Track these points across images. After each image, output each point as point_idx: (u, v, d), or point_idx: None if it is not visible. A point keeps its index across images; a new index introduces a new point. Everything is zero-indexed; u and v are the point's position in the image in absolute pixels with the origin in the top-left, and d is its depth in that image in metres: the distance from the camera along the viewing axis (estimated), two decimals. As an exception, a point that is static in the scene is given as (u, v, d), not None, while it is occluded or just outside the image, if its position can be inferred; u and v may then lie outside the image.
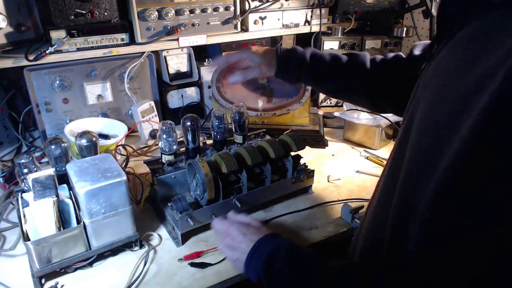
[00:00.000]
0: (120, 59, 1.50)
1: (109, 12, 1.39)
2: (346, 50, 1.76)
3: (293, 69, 1.09)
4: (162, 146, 1.12)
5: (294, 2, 1.71)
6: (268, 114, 1.51)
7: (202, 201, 1.03)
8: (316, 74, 1.10)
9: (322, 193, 1.21)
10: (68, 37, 1.33)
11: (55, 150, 1.01)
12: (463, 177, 0.45)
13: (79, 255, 0.89)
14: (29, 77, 1.36)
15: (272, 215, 1.10)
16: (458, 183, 0.45)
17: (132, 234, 0.94)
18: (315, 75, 1.10)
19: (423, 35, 1.87)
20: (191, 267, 0.91)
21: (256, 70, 1.13)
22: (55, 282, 0.87)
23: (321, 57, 1.08)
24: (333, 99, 1.81)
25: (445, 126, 0.49)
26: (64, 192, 0.96)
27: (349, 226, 1.06)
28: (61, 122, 1.47)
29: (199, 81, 1.68)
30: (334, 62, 1.07)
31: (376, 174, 1.30)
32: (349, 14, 1.83)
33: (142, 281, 0.88)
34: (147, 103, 1.52)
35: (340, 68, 1.07)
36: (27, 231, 0.86)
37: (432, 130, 0.52)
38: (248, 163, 1.05)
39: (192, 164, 1.02)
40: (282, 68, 1.09)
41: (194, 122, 1.15)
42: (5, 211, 1.12)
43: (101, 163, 0.92)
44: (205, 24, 1.55)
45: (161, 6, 1.44)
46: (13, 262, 0.94)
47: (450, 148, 0.46)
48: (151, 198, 1.16)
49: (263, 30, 1.68)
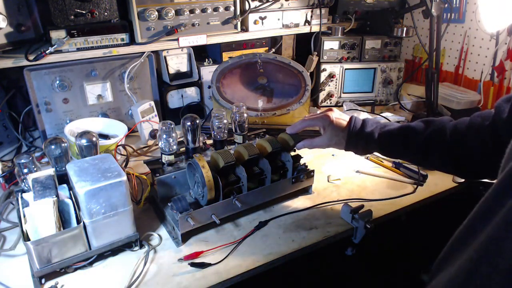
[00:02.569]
0: (120, 59, 1.50)
1: (109, 12, 1.39)
2: (346, 50, 1.76)
3: (361, 149, 1.08)
4: (162, 146, 1.12)
5: (294, 2, 1.71)
6: (268, 114, 1.51)
7: (202, 201, 1.03)
8: (386, 151, 1.08)
9: (322, 193, 1.21)
10: (68, 37, 1.33)
11: (55, 150, 1.01)
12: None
13: (79, 255, 0.88)
14: (29, 77, 1.36)
15: (272, 215, 1.10)
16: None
17: (132, 234, 0.94)
18: (385, 152, 1.09)
19: (423, 35, 1.87)
20: (191, 267, 0.91)
21: (325, 141, 1.09)
22: (55, 282, 0.87)
23: (390, 135, 1.02)
24: (333, 99, 1.81)
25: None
26: (64, 192, 0.96)
27: (349, 226, 1.06)
28: (61, 122, 1.47)
29: (199, 81, 1.68)
30: (405, 138, 1.01)
31: (376, 174, 1.30)
32: (349, 14, 1.83)
33: (142, 281, 0.88)
34: (147, 103, 1.52)
35: (413, 144, 1.00)
36: (27, 231, 0.86)
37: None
38: (245, 157, 1.05)
39: (192, 164, 1.02)
40: (351, 146, 1.07)
41: (194, 122, 1.15)
42: (5, 211, 1.12)
43: (101, 163, 0.92)
44: (205, 24, 1.55)
45: (161, 6, 1.44)
46: (13, 262, 0.94)
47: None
48: (151, 198, 1.16)
49: (263, 30, 1.68)
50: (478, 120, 0.94)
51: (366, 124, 1.06)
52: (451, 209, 1.09)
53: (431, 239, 0.88)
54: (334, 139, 1.07)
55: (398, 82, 1.81)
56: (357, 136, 1.04)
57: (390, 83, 1.79)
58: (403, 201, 1.16)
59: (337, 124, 1.06)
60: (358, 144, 1.06)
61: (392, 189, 1.22)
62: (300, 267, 1.08)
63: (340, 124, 1.06)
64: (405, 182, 1.25)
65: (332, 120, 1.06)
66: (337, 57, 1.78)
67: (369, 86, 1.81)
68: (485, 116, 0.93)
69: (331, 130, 1.07)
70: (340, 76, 1.78)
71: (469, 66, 1.77)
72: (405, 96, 1.84)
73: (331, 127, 1.06)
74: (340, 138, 1.06)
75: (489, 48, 1.66)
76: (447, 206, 1.22)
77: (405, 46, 2.05)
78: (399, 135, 1.02)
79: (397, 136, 1.02)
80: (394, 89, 1.81)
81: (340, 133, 1.06)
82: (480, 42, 1.69)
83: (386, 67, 1.77)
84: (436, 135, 0.98)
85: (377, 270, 1.30)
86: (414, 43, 2.01)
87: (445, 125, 0.98)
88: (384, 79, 1.79)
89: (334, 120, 1.06)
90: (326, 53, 1.77)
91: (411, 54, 2.05)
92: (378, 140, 1.03)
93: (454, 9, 1.74)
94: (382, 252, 1.25)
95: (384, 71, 1.78)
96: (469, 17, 1.71)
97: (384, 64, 1.77)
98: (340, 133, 1.06)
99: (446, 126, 0.98)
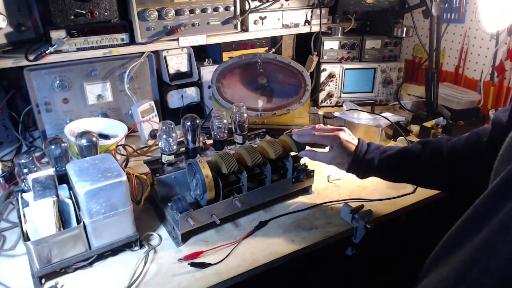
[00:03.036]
0: (120, 59, 1.50)
1: (109, 12, 1.39)
2: (346, 50, 1.76)
3: (361, 173, 1.09)
4: (162, 146, 1.12)
5: (294, 2, 1.71)
6: (268, 114, 1.51)
7: (202, 201, 1.03)
8: (385, 176, 1.09)
9: (322, 193, 1.21)
10: (68, 37, 1.33)
11: (55, 150, 1.01)
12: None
13: (79, 255, 0.88)
14: (29, 77, 1.36)
15: (272, 215, 1.10)
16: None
17: (132, 234, 0.94)
18: (385, 177, 1.10)
19: (423, 35, 1.87)
20: (191, 267, 0.91)
21: (328, 159, 1.10)
22: (55, 282, 0.87)
23: (389, 160, 1.04)
24: (333, 99, 1.81)
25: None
26: (64, 192, 0.96)
27: (349, 226, 1.06)
28: (61, 122, 1.47)
29: (199, 81, 1.68)
30: (403, 162, 1.03)
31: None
32: (349, 14, 1.83)
33: (142, 281, 0.88)
34: (147, 103, 1.52)
35: (411, 168, 1.02)
36: (27, 231, 0.86)
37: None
38: (248, 163, 1.06)
39: (192, 164, 1.02)
40: (352, 170, 1.09)
41: (194, 122, 1.15)
42: (5, 211, 1.12)
43: (101, 163, 0.92)
44: (205, 24, 1.55)
45: (161, 6, 1.44)
46: (13, 262, 0.94)
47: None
48: (151, 198, 1.16)
49: (263, 30, 1.68)
50: (474, 138, 0.94)
51: (368, 150, 1.07)
52: (451, 209, 1.09)
53: (431, 239, 0.87)
54: (338, 159, 1.08)
55: (398, 82, 1.81)
56: (360, 162, 1.06)
57: (390, 83, 1.79)
58: (403, 201, 1.16)
59: (346, 147, 1.07)
60: (359, 169, 1.07)
61: (392, 189, 1.22)
62: (300, 267, 1.08)
63: (348, 147, 1.07)
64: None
65: (341, 141, 1.06)
66: (337, 57, 1.78)
67: (369, 86, 1.81)
68: (482, 133, 0.94)
69: (338, 151, 1.07)
70: (340, 76, 1.78)
71: (469, 66, 1.77)
72: (405, 96, 1.84)
73: (339, 149, 1.07)
74: (344, 160, 1.07)
75: (489, 48, 1.66)
76: (447, 206, 1.22)
77: (405, 46, 2.05)
78: (397, 160, 1.04)
79: (395, 161, 1.04)
80: (394, 89, 1.81)
81: (345, 156, 1.07)
82: (480, 42, 1.69)
83: (386, 67, 1.77)
84: (434, 157, 0.99)
85: (377, 270, 1.30)
86: (414, 43, 2.01)
87: (442, 145, 0.99)
88: (384, 79, 1.79)
89: (344, 142, 1.07)
90: (326, 53, 1.77)
91: (411, 54, 2.05)
92: (377, 166, 1.05)
93: (454, 9, 1.74)
94: (382, 252, 1.25)
95: (384, 71, 1.78)
96: (469, 17, 1.71)
97: (384, 64, 1.77)
98: (345, 156, 1.07)
99: (443, 146, 0.99)
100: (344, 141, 1.06)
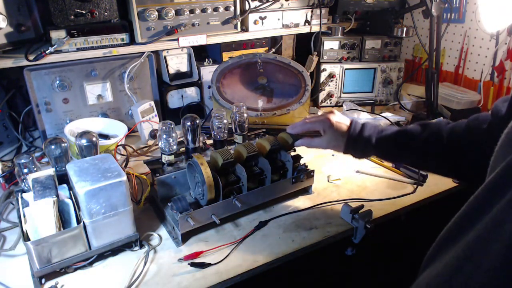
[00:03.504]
0: (120, 59, 1.50)
1: (109, 12, 1.39)
2: (346, 50, 1.76)
3: (359, 153, 1.08)
4: (162, 146, 1.12)
5: (294, 2, 1.71)
6: (268, 114, 1.51)
7: (202, 201, 1.03)
8: (383, 155, 1.09)
9: (322, 193, 1.21)
10: (68, 37, 1.33)
11: (55, 150, 1.01)
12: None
13: (79, 255, 0.88)
14: (29, 77, 1.36)
15: (272, 215, 1.10)
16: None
17: (132, 234, 0.94)
18: (383, 156, 1.10)
19: (423, 35, 1.87)
20: (191, 267, 0.91)
21: (324, 143, 1.10)
22: (55, 282, 0.87)
23: (387, 139, 1.03)
24: (333, 99, 1.81)
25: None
26: (64, 192, 0.96)
27: (349, 226, 1.06)
28: (61, 122, 1.47)
29: (199, 81, 1.68)
30: (402, 142, 1.02)
31: (376, 174, 1.30)
32: (349, 14, 1.83)
33: (142, 281, 0.88)
34: (147, 103, 1.52)
35: (409, 148, 1.01)
36: (27, 231, 0.86)
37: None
38: (244, 155, 1.05)
39: (192, 164, 1.02)
40: (349, 150, 1.08)
41: (194, 122, 1.15)
42: (5, 211, 1.12)
43: (101, 163, 0.92)
44: (205, 24, 1.55)
45: (161, 6, 1.44)
46: (13, 262, 0.94)
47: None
48: (151, 198, 1.16)
49: (263, 30, 1.68)
50: (475, 123, 0.93)
51: (364, 128, 1.06)
52: (451, 209, 1.08)
53: (431, 239, 0.87)
54: (333, 142, 1.08)
55: (398, 82, 1.81)
56: (356, 141, 1.05)
57: (390, 83, 1.79)
58: (403, 201, 1.16)
59: (337, 127, 1.06)
60: (356, 148, 1.06)
61: (392, 189, 1.22)
62: (300, 267, 1.08)
63: (340, 127, 1.06)
64: (405, 182, 1.25)
65: (332, 123, 1.06)
66: (337, 57, 1.78)
67: (369, 86, 1.81)
68: (482, 119, 0.92)
69: (331, 133, 1.07)
70: (340, 76, 1.78)
71: (469, 66, 1.77)
72: (405, 96, 1.84)
73: (331, 130, 1.07)
74: (339, 141, 1.07)
75: (489, 48, 1.66)
76: (447, 206, 1.21)
77: (405, 46, 2.05)
78: (396, 139, 1.03)
79: (394, 140, 1.03)
80: (394, 89, 1.81)
81: (339, 137, 1.06)
82: (480, 42, 1.69)
83: (386, 67, 1.77)
84: (433, 138, 0.98)
85: (377, 270, 1.30)
86: (414, 43, 2.01)
87: (442, 128, 0.98)
88: (384, 79, 1.79)
89: (335, 123, 1.06)
90: (326, 53, 1.77)
91: (411, 54, 2.05)
92: (375, 144, 1.04)
93: (454, 9, 1.74)
94: (382, 252, 1.25)
95: (384, 71, 1.78)
96: (469, 17, 1.71)
97: (384, 64, 1.77)
98: (339, 136, 1.06)
99: (442, 129, 0.98)
100: (335, 122, 1.06)
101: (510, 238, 0.47)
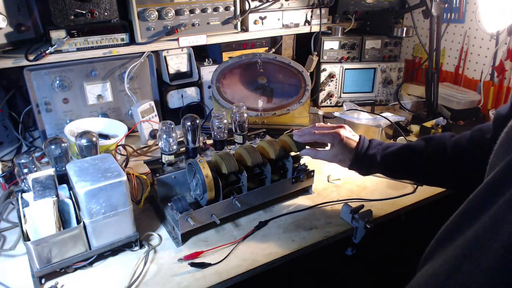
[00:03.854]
0: (120, 59, 1.50)
1: (109, 12, 1.39)
2: (346, 50, 1.76)
3: (364, 170, 1.08)
4: (162, 146, 1.12)
5: (294, 2, 1.71)
6: (268, 114, 1.51)
7: (202, 201, 1.03)
8: (388, 173, 1.09)
9: (322, 193, 1.21)
10: (68, 37, 1.33)
11: (55, 150, 1.01)
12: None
13: (79, 255, 0.88)
14: (29, 77, 1.36)
15: (272, 215, 1.10)
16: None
17: (132, 234, 0.94)
18: (388, 173, 1.10)
19: (423, 35, 1.87)
20: (191, 267, 0.91)
21: (330, 157, 1.10)
22: (55, 282, 0.87)
23: (392, 157, 1.03)
24: (333, 99, 1.81)
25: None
26: (64, 192, 0.96)
27: (349, 226, 1.06)
28: (61, 122, 1.47)
29: (199, 81, 1.68)
30: (406, 158, 1.02)
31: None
32: (349, 14, 1.84)
33: (142, 281, 0.88)
34: (147, 103, 1.52)
35: (414, 164, 1.01)
36: (27, 231, 0.86)
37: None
38: (248, 163, 1.05)
39: (192, 164, 1.02)
40: (354, 167, 1.08)
41: (194, 122, 1.15)
42: (5, 211, 1.12)
43: (101, 163, 0.92)
44: (205, 24, 1.55)
45: (161, 6, 1.44)
46: (13, 262, 0.94)
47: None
48: (151, 198, 1.16)
49: (263, 30, 1.68)
50: (478, 134, 0.93)
51: (370, 146, 1.06)
52: (451, 209, 1.09)
53: (431, 239, 0.87)
54: (340, 156, 1.07)
55: (398, 82, 1.81)
56: (362, 158, 1.05)
57: (390, 83, 1.79)
58: (403, 201, 1.16)
59: (347, 143, 1.06)
60: (362, 166, 1.07)
61: (392, 189, 1.22)
62: (300, 267, 1.08)
63: (349, 144, 1.06)
64: (405, 182, 1.25)
65: (342, 138, 1.06)
66: (337, 57, 1.78)
67: (369, 86, 1.81)
68: (485, 129, 0.92)
69: (339, 148, 1.06)
70: (340, 76, 1.78)
71: (469, 66, 1.77)
72: (405, 96, 1.84)
73: (340, 146, 1.06)
74: (346, 157, 1.07)
75: (489, 48, 1.66)
76: (447, 206, 1.21)
77: (405, 46, 2.05)
78: (400, 156, 1.03)
79: (398, 157, 1.03)
80: (394, 89, 1.81)
81: (346, 153, 1.06)
82: (480, 42, 1.69)
83: (386, 67, 1.77)
84: (437, 153, 0.98)
85: (377, 270, 1.30)
86: (414, 43, 2.01)
87: (446, 142, 0.98)
88: (384, 79, 1.79)
89: (344, 139, 1.06)
90: (326, 53, 1.77)
91: (411, 54, 2.05)
92: (380, 163, 1.04)
93: (454, 9, 1.74)
94: (382, 252, 1.25)
95: (384, 71, 1.78)
96: (469, 17, 1.71)
97: (384, 64, 1.77)
98: (347, 152, 1.06)
99: (446, 142, 0.98)
100: (344, 138, 1.06)
101: (509, 237, 0.47)
